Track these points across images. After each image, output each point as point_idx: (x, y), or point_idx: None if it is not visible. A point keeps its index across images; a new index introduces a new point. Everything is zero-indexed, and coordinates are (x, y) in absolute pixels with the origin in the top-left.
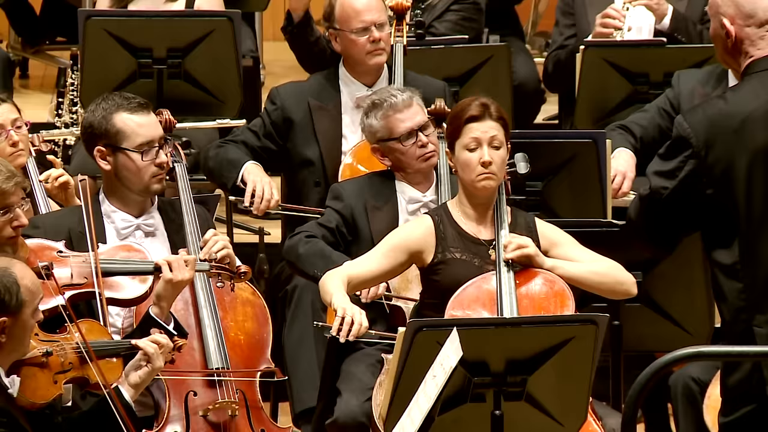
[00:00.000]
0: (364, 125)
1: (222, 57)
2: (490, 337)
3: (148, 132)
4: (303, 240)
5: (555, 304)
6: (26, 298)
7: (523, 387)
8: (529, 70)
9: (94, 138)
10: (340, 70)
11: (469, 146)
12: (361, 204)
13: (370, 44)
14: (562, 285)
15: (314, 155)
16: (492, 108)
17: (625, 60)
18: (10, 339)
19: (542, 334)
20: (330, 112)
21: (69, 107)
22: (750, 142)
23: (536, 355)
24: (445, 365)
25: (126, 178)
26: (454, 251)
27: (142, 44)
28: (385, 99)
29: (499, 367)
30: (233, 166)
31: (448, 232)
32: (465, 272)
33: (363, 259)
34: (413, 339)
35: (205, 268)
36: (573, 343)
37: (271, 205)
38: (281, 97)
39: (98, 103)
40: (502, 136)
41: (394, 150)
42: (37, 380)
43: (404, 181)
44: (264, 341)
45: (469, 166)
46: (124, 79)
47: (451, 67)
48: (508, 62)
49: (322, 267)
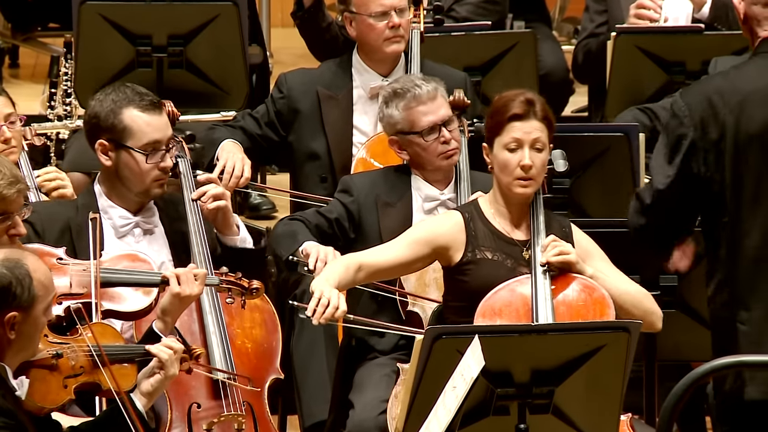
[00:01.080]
0: (383, 114)
1: (227, 44)
2: (515, 346)
3: (157, 133)
4: (284, 221)
5: (594, 312)
6: (39, 293)
7: (549, 399)
8: (557, 59)
9: (98, 130)
10: (354, 57)
11: (509, 146)
12: (371, 199)
13: (388, 30)
14: (602, 292)
15: (321, 148)
16: (537, 106)
17: (659, 47)
18: (20, 336)
19: (570, 342)
20: (340, 103)
21: (62, 99)
22: (744, 124)
23: (564, 364)
24: (466, 376)
25: (126, 177)
26: (485, 250)
27: (140, 31)
28: (409, 89)
29: (524, 378)
30: (212, 144)
31: (480, 230)
32: (496, 274)
33: (381, 247)
34: (432, 347)
35: (215, 282)
36: (604, 351)
37: (240, 183)
38: (288, 85)
39: (108, 93)
40: (546, 138)
41: (413, 144)
42: (47, 384)
43: (421, 178)
44: (273, 350)
45: (507, 168)
46: (122, 69)
47: (472, 55)
48: (534, 50)
49: (287, 247)
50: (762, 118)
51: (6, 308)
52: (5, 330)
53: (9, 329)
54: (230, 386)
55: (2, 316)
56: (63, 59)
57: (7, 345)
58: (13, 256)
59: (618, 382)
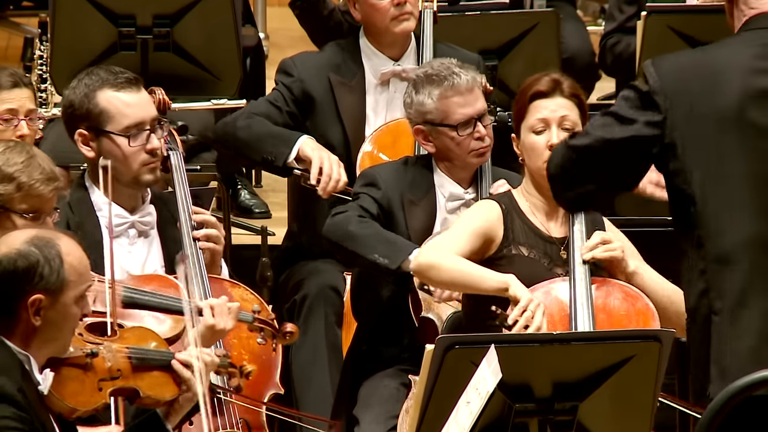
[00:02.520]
0: (411, 100)
1: (218, 25)
2: (535, 356)
3: (137, 112)
4: (355, 218)
5: (637, 323)
6: (70, 278)
7: (573, 415)
8: (582, 41)
9: (75, 120)
10: (362, 41)
11: (536, 128)
12: (397, 195)
13: (394, 8)
14: (646, 302)
15: (337, 139)
16: (565, 84)
17: (694, 28)
18: (47, 325)
19: (596, 353)
20: (354, 90)
21: (37, 84)
22: (719, 99)
23: (589, 377)
24: (481, 389)
25: (112, 167)
26: (521, 247)
27: (123, 10)
28: (446, 76)
29: (545, 392)
30: (282, 140)
31: (516, 224)
32: (531, 272)
33: (447, 241)
34: (443, 358)
35: (248, 320)
36: (633, 363)
37: (339, 186)
38: (299, 69)
39: (80, 78)
40: (576, 116)
41: (443, 136)
42: (79, 383)
43: (445, 174)
44: (272, 362)
45: (535, 151)
46: (103, 52)
47: (489, 37)
48: (556, 31)
49: (384, 252)
50: (736, 95)
51: (30, 289)
52: (29, 314)
53: (33, 314)
54: (226, 402)
55: (26, 298)
56: (38, 41)
57: (32, 333)
58: (45, 235)
59: (648, 397)
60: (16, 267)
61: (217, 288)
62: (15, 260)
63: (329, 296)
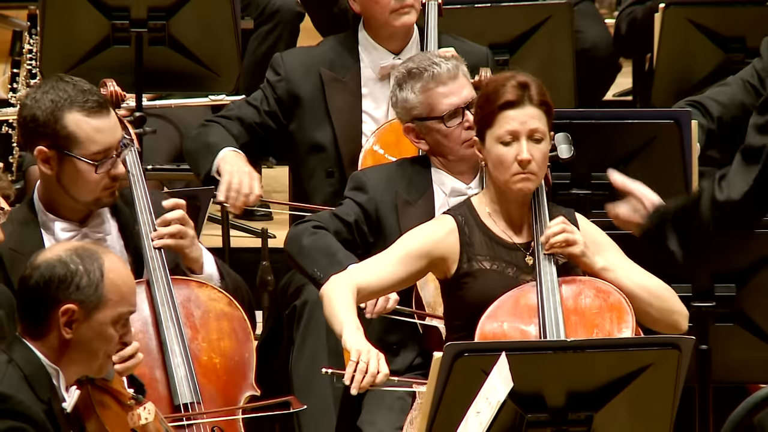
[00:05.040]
0: (396, 99)
1: (216, 18)
2: (548, 364)
3: (106, 139)
4: (309, 230)
5: (611, 320)
6: (109, 297)
7: (588, 426)
8: (600, 32)
9: (37, 135)
10: (360, 33)
11: (504, 139)
12: (389, 197)
13: (394, 1)
14: (618, 296)
15: (326, 139)
16: (532, 89)
17: (715, 21)
18: (78, 341)
19: (612, 361)
20: (347, 86)
21: (26, 80)
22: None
23: (604, 386)
24: (491, 399)
25: (71, 188)
26: (483, 260)
27: (116, 2)
28: (425, 68)
29: (558, 402)
30: (210, 151)
31: (475, 236)
32: (496, 285)
33: (374, 264)
34: (452, 366)
35: None
36: (650, 371)
37: (250, 200)
38: (286, 66)
39: (45, 90)
40: (545, 126)
41: (433, 131)
42: (115, 415)
43: (443, 170)
44: (245, 362)
45: (503, 164)
46: (95, 46)
47: (499, 30)
48: (570, 24)
49: (324, 267)
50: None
51: (64, 298)
52: (60, 324)
53: (64, 324)
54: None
55: (59, 306)
56: (27, 35)
57: (63, 346)
58: (91, 248)
59: (667, 407)
60: (53, 274)
61: (184, 290)
62: (54, 266)
63: None
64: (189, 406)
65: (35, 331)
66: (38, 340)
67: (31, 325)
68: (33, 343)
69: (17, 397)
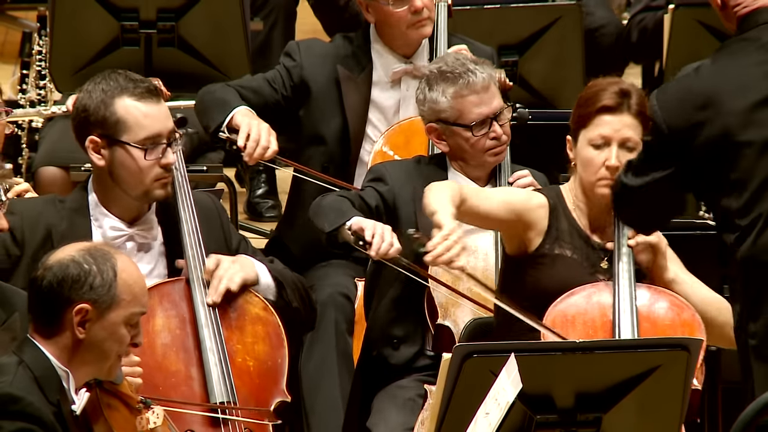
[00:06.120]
0: (424, 97)
1: (225, 19)
2: (557, 365)
3: (156, 125)
4: (332, 194)
5: (682, 334)
6: (122, 297)
7: (596, 427)
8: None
9: (88, 125)
10: (372, 35)
11: (595, 142)
12: (407, 191)
13: (411, 15)
14: (692, 313)
15: (331, 133)
16: (633, 98)
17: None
18: (91, 340)
19: (621, 362)
20: (359, 86)
21: (35, 81)
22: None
23: (613, 387)
24: (500, 400)
25: (122, 178)
26: (566, 247)
27: (126, 3)
28: (461, 74)
29: (567, 403)
30: (225, 106)
31: (562, 222)
32: (572, 275)
33: (480, 191)
34: (461, 367)
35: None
36: (659, 372)
37: (267, 154)
38: (302, 54)
39: (97, 82)
40: (638, 136)
41: (457, 136)
42: (123, 418)
43: (460, 172)
44: (278, 368)
45: (590, 167)
46: (104, 47)
47: (508, 31)
48: (580, 26)
49: (332, 220)
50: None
51: (78, 298)
52: (74, 323)
53: (78, 324)
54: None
55: (72, 306)
56: (36, 36)
57: (75, 347)
58: (103, 248)
59: (676, 409)
60: (66, 274)
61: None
62: (67, 266)
63: (340, 303)
64: (224, 405)
65: (47, 331)
66: (50, 340)
67: (43, 326)
68: (44, 344)
69: (27, 399)
